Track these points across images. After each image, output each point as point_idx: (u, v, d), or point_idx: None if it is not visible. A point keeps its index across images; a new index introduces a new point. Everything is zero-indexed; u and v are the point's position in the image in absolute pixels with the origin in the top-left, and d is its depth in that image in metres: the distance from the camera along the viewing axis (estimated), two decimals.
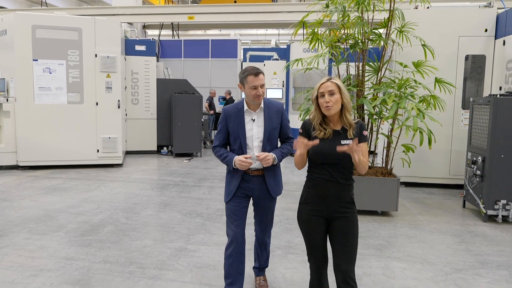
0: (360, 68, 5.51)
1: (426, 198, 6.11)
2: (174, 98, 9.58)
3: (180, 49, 13.41)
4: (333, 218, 2.31)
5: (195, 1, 22.61)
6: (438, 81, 5.35)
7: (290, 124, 2.96)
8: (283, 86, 10.33)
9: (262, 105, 2.78)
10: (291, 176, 7.53)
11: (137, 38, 11.13)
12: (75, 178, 7.06)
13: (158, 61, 11.28)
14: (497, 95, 4.97)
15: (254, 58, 11.71)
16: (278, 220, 4.77)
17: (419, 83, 5.22)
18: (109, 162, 8.09)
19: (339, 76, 6.03)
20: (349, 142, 2.26)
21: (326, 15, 5.45)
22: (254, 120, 2.78)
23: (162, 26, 14.69)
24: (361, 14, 5.37)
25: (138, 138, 9.95)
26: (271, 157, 2.71)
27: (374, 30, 5.50)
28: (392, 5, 5.40)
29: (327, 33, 5.78)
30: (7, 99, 7.54)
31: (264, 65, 10.58)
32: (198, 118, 9.69)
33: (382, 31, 5.64)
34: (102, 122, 7.97)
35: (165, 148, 10.17)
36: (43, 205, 5.32)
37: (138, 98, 9.97)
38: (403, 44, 5.48)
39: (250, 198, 2.86)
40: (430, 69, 5.30)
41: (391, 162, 5.45)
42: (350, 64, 5.72)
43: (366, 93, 5.48)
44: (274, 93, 10.21)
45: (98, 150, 7.97)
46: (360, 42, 5.50)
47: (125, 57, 9.54)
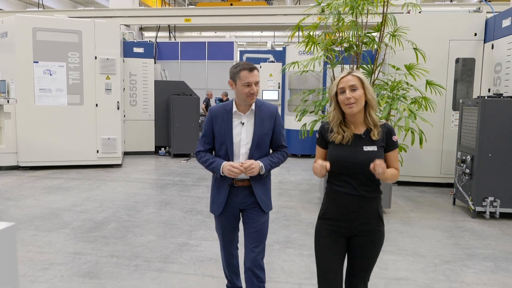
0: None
1: (418, 196, 6.32)
2: (171, 100, 9.74)
3: (177, 51, 13.56)
4: (353, 235, 2.07)
5: (191, 3, 22.76)
6: (429, 83, 5.56)
7: (285, 125, 2.86)
8: (279, 88, 10.53)
9: (253, 106, 2.48)
10: (287, 176, 7.71)
11: (135, 40, 11.28)
12: (76, 178, 7.20)
13: (155, 63, 11.43)
14: (484, 97, 5.19)
15: (250, 60, 11.85)
16: (275, 217, 4.95)
17: (411, 85, 5.43)
18: (108, 162, 8.23)
19: (334, 78, 6.22)
20: (373, 148, 2.02)
21: (322, 19, 5.65)
22: (243, 123, 2.48)
23: (159, 28, 14.83)
24: (355, 18, 5.58)
25: (136, 139, 10.09)
26: (257, 165, 2.39)
27: (368, 34, 5.71)
28: (385, 9, 5.61)
29: (323, 36, 5.99)
30: (8, 101, 7.67)
31: (260, 67, 10.76)
32: (195, 119, 9.85)
33: (375, 35, 5.86)
34: (101, 123, 8.11)
35: (163, 149, 10.32)
36: (47, 203, 5.46)
37: (136, 100, 10.12)
38: (396, 47, 5.70)
39: (240, 211, 2.56)
40: (422, 71, 5.52)
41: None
42: (344, 66, 5.92)
43: None
44: (270, 94, 10.40)
45: (98, 151, 8.11)
46: (354, 45, 5.71)
47: (123, 59, 9.68)
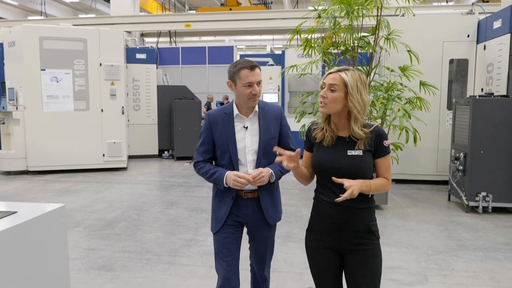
0: None
1: (415, 193, 6.55)
2: (174, 104, 9.99)
3: (177, 56, 13.80)
4: (345, 251, 1.89)
5: (191, 8, 23.06)
6: (422, 84, 5.80)
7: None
8: (279, 90, 10.77)
9: (256, 108, 2.28)
10: (288, 175, 7.89)
11: (137, 47, 11.54)
12: (84, 181, 7.43)
13: (157, 68, 11.68)
14: (476, 96, 5.42)
15: None
16: None
17: (405, 86, 5.67)
18: (114, 166, 8.47)
19: None
20: (358, 152, 1.84)
21: (319, 22, 5.89)
22: (246, 127, 2.27)
23: (160, 34, 15.10)
24: (350, 23, 5.82)
25: (140, 143, 10.33)
26: (266, 173, 2.19)
27: (363, 38, 5.95)
28: (379, 13, 5.85)
29: (320, 40, 6.23)
30: (17, 108, 7.92)
31: (260, 70, 11.01)
32: (197, 123, 10.10)
33: (370, 38, 6.10)
34: (107, 127, 8.35)
35: (166, 152, 10.56)
36: None
37: (140, 105, 10.37)
38: (391, 50, 5.93)
39: (244, 226, 2.36)
40: (416, 72, 5.75)
41: None
42: None
43: None
44: (270, 97, 10.64)
45: (103, 155, 8.35)
46: (350, 48, 5.95)
47: (126, 65, 9.93)
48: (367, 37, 6.02)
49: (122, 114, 8.50)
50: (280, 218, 2.41)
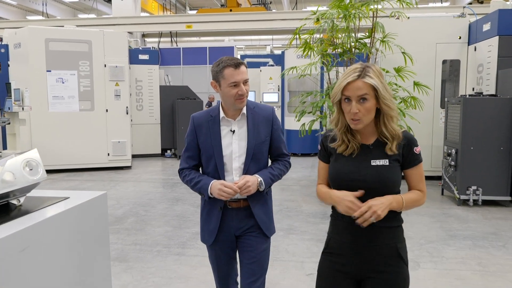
0: None
1: None
2: (176, 104, 10.24)
3: (179, 56, 14.03)
4: (365, 277, 1.62)
5: (191, 8, 23.28)
6: (416, 84, 6.08)
7: (286, 126, 2.19)
8: (279, 90, 11.03)
9: (244, 110, 2.08)
10: (289, 173, 8.17)
11: (140, 48, 11.78)
12: (90, 179, 7.68)
13: (159, 68, 11.92)
14: (466, 96, 5.69)
15: (250, 64, 12.34)
16: (279, 209, 5.43)
17: (399, 86, 5.93)
18: (119, 164, 8.72)
19: (330, 81, 6.74)
20: (383, 162, 1.59)
21: (319, 24, 6.14)
22: (234, 131, 2.08)
23: (161, 35, 15.34)
24: (347, 26, 6.07)
25: (143, 142, 10.57)
26: (254, 181, 1.98)
27: (359, 40, 6.21)
28: (374, 17, 6.11)
29: (319, 42, 6.49)
30: (23, 108, 8.15)
31: (260, 71, 11.28)
32: None
33: (367, 41, 6.36)
34: (111, 127, 8.60)
35: (169, 151, 10.80)
36: None
37: (143, 105, 10.61)
38: (386, 51, 6.19)
39: (236, 238, 2.15)
40: (410, 73, 6.02)
41: None
42: (339, 70, 6.43)
43: None
44: (270, 97, 10.91)
45: (108, 154, 8.59)
46: (348, 50, 6.21)
47: (129, 66, 10.17)
48: (364, 39, 6.29)
49: (127, 114, 8.75)
50: (275, 230, 2.22)
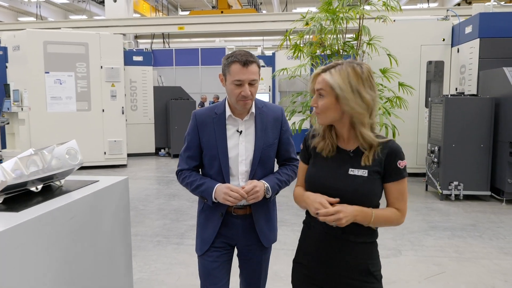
0: None
1: None
2: (170, 104, 10.47)
3: (171, 57, 14.25)
4: None
5: (182, 10, 23.49)
6: (401, 84, 6.40)
7: None
8: (270, 91, 11.32)
9: (253, 109, 1.92)
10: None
11: (134, 49, 11.99)
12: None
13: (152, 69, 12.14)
14: (448, 95, 6.02)
15: None
16: None
17: (385, 86, 6.25)
18: (115, 163, 8.93)
19: None
20: (362, 173, 1.48)
21: (306, 31, 6.45)
22: (241, 132, 1.92)
23: (153, 36, 15.55)
24: (335, 29, 6.37)
25: (137, 141, 10.78)
26: (262, 187, 1.83)
27: (347, 43, 6.52)
28: (361, 18, 6.40)
29: (308, 45, 6.79)
30: (22, 108, 8.33)
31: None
32: None
33: (354, 43, 6.67)
34: (108, 127, 8.81)
35: (163, 150, 11.03)
36: None
37: (137, 105, 10.82)
38: (373, 53, 6.51)
39: (234, 247, 2.03)
40: (395, 74, 6.34)
41: None
42: None
43: None
44: (261, 97, 11.15)
45: (105, 153, 8.81)
46: (336, 52, 6.52)
47: (124, 67, 10.38)
48: (351, 42, 6.60)
49: (122, 114, 8.97)
50: (276, 238, 2.08)
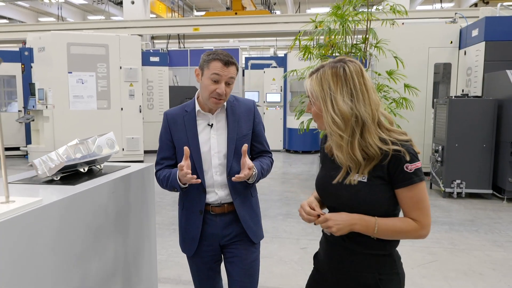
0: None
1: None
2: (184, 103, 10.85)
3: (186, 58, 14.65)
4: None
5: (197, 10, 23.92)
6: (406, 86, 6.64)
7: (288, 124, 1.97)
8: (281, 91, 11.62)
9: (224, 103, 1.88)
10: (289, 168, 8.78)
11: (150, 50, 12.43)
12: None
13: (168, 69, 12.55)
14: (452, 97, 6.25)
15: (255, 66, 12.98)
16: (278, 199, 6.03)
17: (390, 88, 6.50)
18: (132, 159, 9.34)
19: None
20: (361, 178, 1.30)
21: (316, 33, 6.74)
22: (211, 125, 1.89)
23: (169, 37, 15.98)
24: (344, 32, 6.65)
25: (153, 138, 11.17)
26: (252, 167, 1.78)
27: (355, 45, 6.79)
28: (369, 20, 6.65)
29: (317, 47, 7.07)
30: (46, 106, 8.81)
31: (264, 72, 11.87)
32: None
33: (362, 46, 6.93)
34: (126, 124, 9.26)
35: None
36: None
37: (153, 104, 11.25)
38: (381, 56, 6.76)
39: (223, 247, 1.95)
40: (401, 76, 6.58)
41: None
42: None
43: None
44: (273, 97, 11.51)
45: (123, 149, 9.24)
46: (345, 54, 6.79)
47: (141, 67, 10.82)
48: (359, 44, 6.86)
49: (140, 112, 9.39)
50: (263, 235, 1.99)
